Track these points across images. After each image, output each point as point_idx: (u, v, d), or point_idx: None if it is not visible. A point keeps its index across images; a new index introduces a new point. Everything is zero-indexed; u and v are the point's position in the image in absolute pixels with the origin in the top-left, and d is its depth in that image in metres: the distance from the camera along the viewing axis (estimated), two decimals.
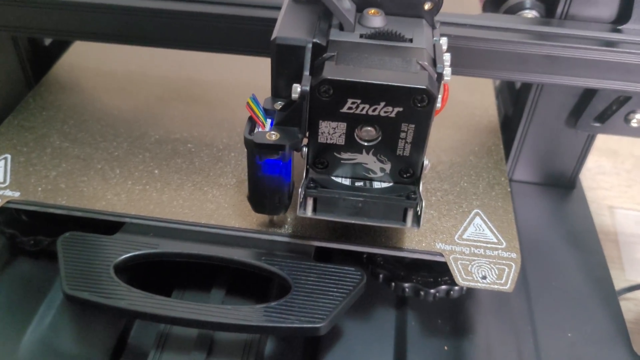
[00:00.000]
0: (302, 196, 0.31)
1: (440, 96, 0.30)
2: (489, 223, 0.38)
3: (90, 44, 0.49)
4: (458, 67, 0.38)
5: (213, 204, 0.37)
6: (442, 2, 0.34)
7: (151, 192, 0.38)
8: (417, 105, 0.28)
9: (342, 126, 0.30)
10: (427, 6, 0.32)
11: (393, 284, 0.38)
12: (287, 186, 0.32)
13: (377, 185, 0.32)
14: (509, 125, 0.48)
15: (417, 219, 0.31)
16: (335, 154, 0.31)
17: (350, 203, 0.31)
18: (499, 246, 0.36)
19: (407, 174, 0.32)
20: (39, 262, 0.40)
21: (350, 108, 0.29)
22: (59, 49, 0.51)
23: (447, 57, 0.31)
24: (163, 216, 0.36)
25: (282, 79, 0.31)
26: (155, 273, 0.37)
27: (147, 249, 0.34)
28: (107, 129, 0.43)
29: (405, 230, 0.36)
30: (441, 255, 0.35)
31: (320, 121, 0.30)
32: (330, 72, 0.28)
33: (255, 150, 0.30)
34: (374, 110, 0.29)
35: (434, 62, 0.30)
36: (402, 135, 0.30)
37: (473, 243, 0.36)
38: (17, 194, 0.37)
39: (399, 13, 0.32)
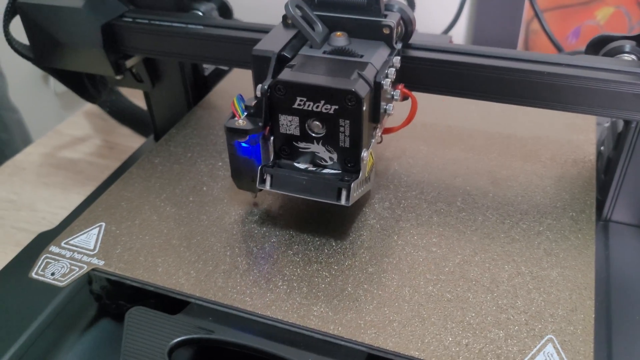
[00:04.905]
0: (259, 172, 0.38)
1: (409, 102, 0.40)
2: (562, 353, 0.32)
3: None
4: (557, 103, 0.40)
5: (273, 294, 0.37)
6: (402, 29, 0.40)
7: (217, 275, 0.38)
8: (348, 104, 0.34)
9: (296, 119, 0.36)
10: (385, 31, 0.39)
11: None
12: (257, 167, 0.38)
13: (327, 171, 0.38)
14: (610, 168, 0.45)
15: (347, 197, 0.36)
16: (294, 143, 0.38)
17: (298, 180, 0.37)
18: None
19: (351, 163, 0.37)
20: (120, 324, 0.40)
21: (299, 104, 0.35)
22: (215, 78, 0.60)
23: (391, 71, 0.37)
24: (224, 301, 0.36)
25: (259, 82, 0.37)
26: (211, 356, 0.38)
27: (201, 333, 0.34)
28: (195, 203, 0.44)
29: None
30: None
31: (280, 114, 0.36)
32: (284, 75, 0.35)
33: (227, 132, 0.38)
34: (317, 107, 0.35)
35: (376, 74, 0.36)
36: (341, 129, 0.35)
37: None
38: (101, 263, 0.39)
39: (364, 36, 0.39)
